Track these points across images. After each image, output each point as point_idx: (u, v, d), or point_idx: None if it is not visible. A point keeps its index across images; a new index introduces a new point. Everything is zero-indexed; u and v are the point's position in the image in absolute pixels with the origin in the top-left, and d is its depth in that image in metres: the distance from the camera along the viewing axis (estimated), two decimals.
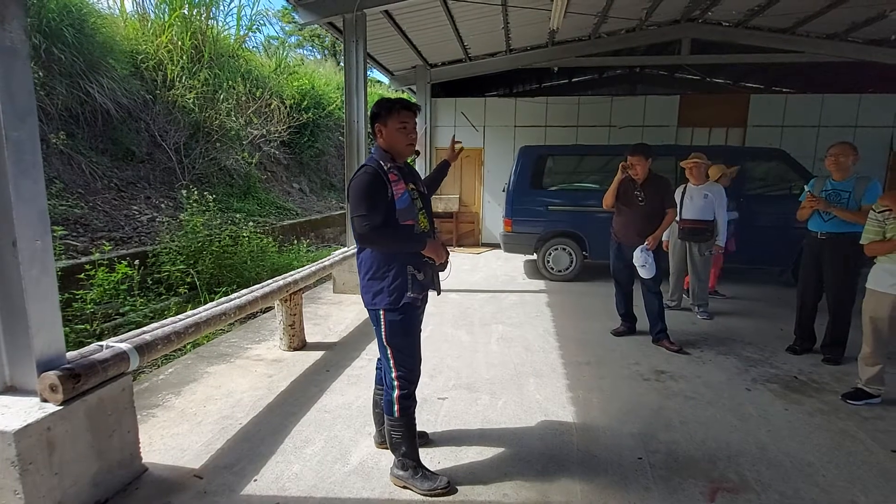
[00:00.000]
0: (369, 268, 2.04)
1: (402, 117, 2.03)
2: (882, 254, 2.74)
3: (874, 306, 2.79)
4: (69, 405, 1.76)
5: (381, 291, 2.01)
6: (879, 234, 2.73)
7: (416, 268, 2.05)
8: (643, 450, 2.37)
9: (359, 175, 1.97)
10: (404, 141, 2.05)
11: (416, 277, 2.05)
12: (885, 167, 8.46)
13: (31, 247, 1.69)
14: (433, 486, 2.01)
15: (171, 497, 1.97)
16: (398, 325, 2.03)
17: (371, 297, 2.04)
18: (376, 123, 2.05)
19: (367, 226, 1.90)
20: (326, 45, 20.62)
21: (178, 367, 3.31)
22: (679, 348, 3.73)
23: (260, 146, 9.28)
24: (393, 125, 2.02)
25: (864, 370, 2.90)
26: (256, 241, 5.82)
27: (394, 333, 2.04)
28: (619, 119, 8.99)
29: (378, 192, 1.93)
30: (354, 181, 1.96)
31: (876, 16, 6.90)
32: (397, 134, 2.03)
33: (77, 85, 5.90)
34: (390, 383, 2.07)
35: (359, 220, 1.91)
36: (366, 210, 1.90)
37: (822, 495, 2.04)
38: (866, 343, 2.87)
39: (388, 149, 2.06)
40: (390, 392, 2.06)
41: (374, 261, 2.02)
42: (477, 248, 9.16)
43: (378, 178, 1.95)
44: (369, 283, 2.04)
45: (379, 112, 2.04)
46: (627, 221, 3.85)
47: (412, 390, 2.08)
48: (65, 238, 4.52)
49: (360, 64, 5.31)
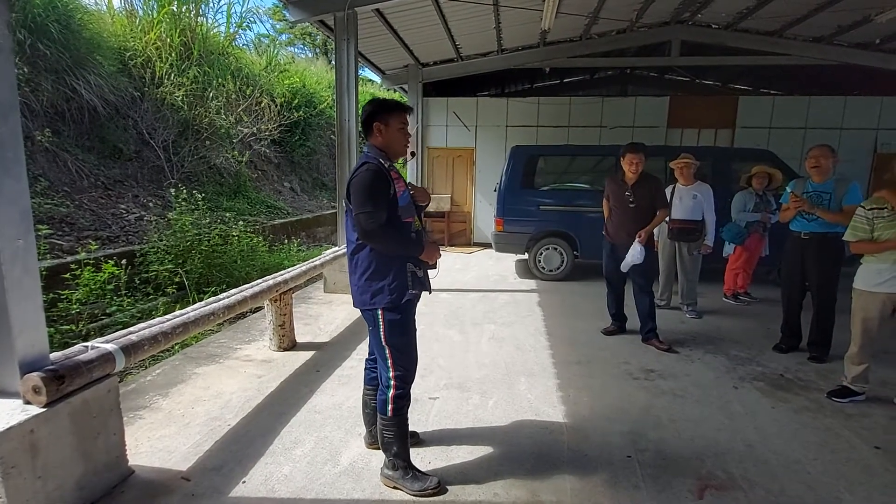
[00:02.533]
0: (367, 266, 2.01)
1: (402, 119, 2.06)
2: (870, 253, 2.77)
3: (863, 306, 2.82)
4: (53, 407, 1.72)
5: (381, 290, 1.99)
6: (867, 231, 2.75)
7: (415, 265, 2.06)
8: (633, 448, 2.38)
9: (362, 172, 1.95)
10: (403, 141, 2.08)
11: (417, 275, 2.06)
12: (870, 168, 8.60)
13: (13, 246, 1.65)
14: (423, 486, 2.00)
15: (157, 500, 1.94)
16: (398, 324, 2.02)
17: (370, 297, 2.01)
18: (375, 122, 2.04)
19: (373, 222, 1.89)
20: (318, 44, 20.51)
21: (165, 368, 3.27)
22: (668, 347, 3.76)
23: (250, 144, 9.21)
24: (395, 125, 2.04)
25: (850, 368, 2.93)
26: (246, 241, 5.77)
27: (393, 333, 2.02)
28: (609, 120, 9.04)
29: (382, 189, 1.93)
30: (358, 178, 1.94)
31: (861, 20, 7.02)
32: (398, 134, 2.05)
33: (63, 81, 5.80)
34: (386, 382, 2.05)
35: (365, 216, 1.89)
36: (371, 207, 1.89)
37: (808, 492, 2.07)
38: (854, 342, 2.88)
39: (385, 148, 2.06)
40: (385, 391, 2.04)
41: (373, 259, 2.00)
42: (469, 248, 9.16)
43: (382, 175, 1.94)
44: (367, 282, 2.01)
45: (380, 111, 2.04)
46: (619, 222, 3.88)
47: (408, 390, 2.07)
48: (50, 237, 4.45)
49: (351, 63, 5.29)
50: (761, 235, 5.06)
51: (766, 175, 5.02)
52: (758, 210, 4.96)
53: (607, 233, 4.01)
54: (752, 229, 4.96)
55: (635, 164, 3.70)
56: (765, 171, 5.02)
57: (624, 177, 3.82)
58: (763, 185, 5.03)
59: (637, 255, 3.68)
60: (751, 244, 5.05)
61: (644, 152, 3.71)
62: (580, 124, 9.10)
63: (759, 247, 5.13)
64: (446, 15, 6.91)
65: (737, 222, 4.96)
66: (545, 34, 8.11)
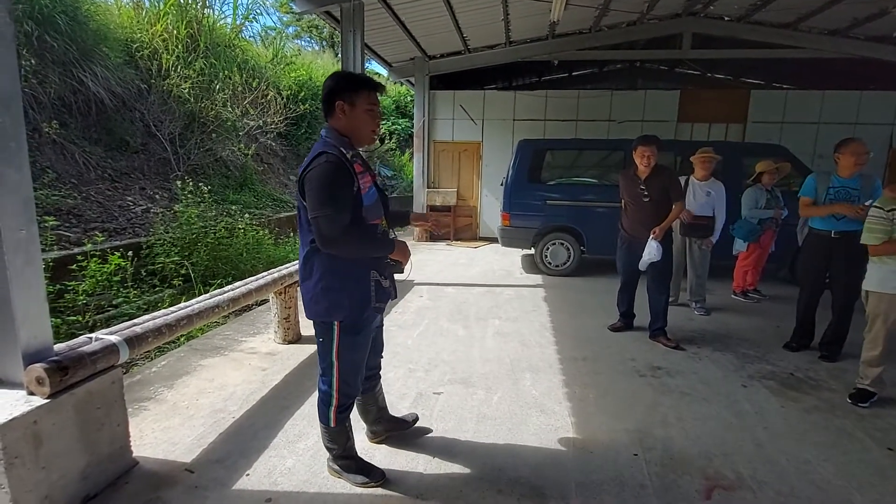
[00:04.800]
0: (323, 274, 1.74)
1: (371, 98, 1.76)
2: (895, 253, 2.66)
3: (886, 309, 2.70)
4: (57, 398, 1.72)
5: (338, 302, 1.75)
6: (887, 233, 2.65)
7: (380, 273, 1.82)
8: (639, 446, 2.35)
9: (319, 165, 1.63)
10: (371, 125, 1.78)
11: (381, 284, 1.83)
12: (885, 165, 8.45)
13: (16, 236, 1.64)
14: (367, 480, 1.98)
15: (161, 491, 1.94)
16: (354, 342, 1.84)
17: (324, 308, 1.77)
18: (338, 100, 1.73)
19: (335, 228, 1.61)
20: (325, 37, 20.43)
21: (170, 360, 3.28)
22: (676, 345, 3.71)
23: (256, 137, 9.20)
24: (362, 105, 1.74)
25: (869, 371, 2.83)
26: (252, 234, 5.78)
27: (347, 349, 1.83)
28: (618, 114, 8.94)
29: (344, 186, 1.64)
30: (314, 172, 1.63)
31: (878, 12, 6.86)
32: (365, 116, 1.75)
33: (70, 73, 5.81)
34: (326, 396, 1.91)
35: (326, 220, 1.60)
36: (332, 208, 1.60)
37: (819, 493, 2.03)
38: (874, 346, 2.77)
39: (348, 133, 1.76)
40: (327, 406, 1.91)
41: (330, 265, 1.73)
42: (475, 242, 9.13)
43: (343, 169, 1.65)
44: (324, 291, 1.75)
45: (344, 87, 1.73)
46: (636, 218, 3.79)
47: (352, 401, 1.98)
48: (57, 229, 4.47)
49: (357, 55, 5.24)
50: (774, 231, 4.98)
51: (777, 170, 4.94)
52: (769, 206, 4.88)
53: (624, 229, 3.95)
54: (765, 226, 4.89)
55: (647, 157, 3.60)
56: (774, 166, 4.93)
57: (636, 171, 3.74)
58: (774, 180, 4.94)
59: (654, 252, 3.61)
60: (763, 241, 4.98)
61: (656, 144, 3.60)
62: (589, 118, 9.01)
63: (770, 243, 5.06)
64: (454, 6, 6.83)
65: (748, 219, 4.88)
66: (554, 26, 8.02)
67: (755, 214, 4.86)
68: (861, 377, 2.87)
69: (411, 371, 3.19)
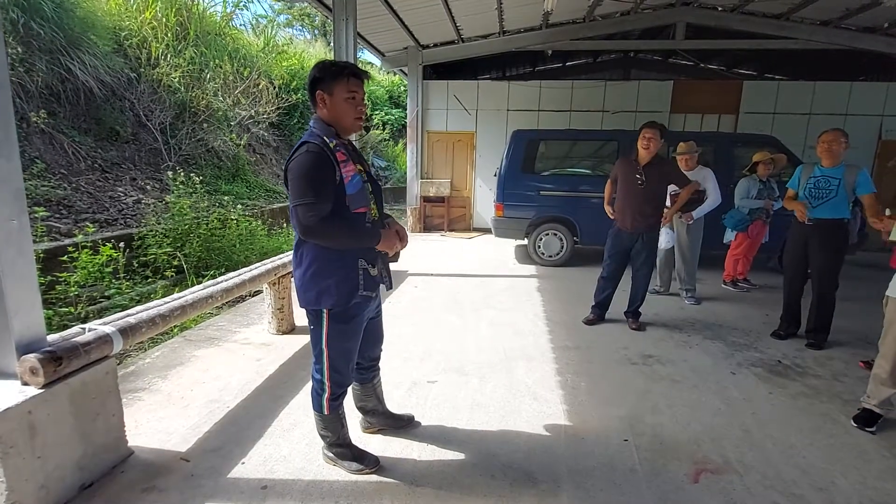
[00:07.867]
0: (312, 261, 1.77)
1: (350, 85, 1.74)
2: None
3: None
4: (51, 388, 1.72)
5: (326, 290, 1.77)
6: None
7: (368, 261, 1.82)
8: (629, 432, 2.39)
9: (300, 154, 1.66)
10: (353, 114, 1.76)
11: (369, 273, 1.83)
12: (874, 155, 8.54)
13: (7, 227, 1.63)
14: (361, 466, 2.01)
15: (157, 480, 1.96)
16: (343, 330, 1.84)
17: (314, 296, 1.79)
18: (318, 90, 1.74)
19: (313, 216, 1.62)
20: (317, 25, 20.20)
21: (165, 351, 3.28)
22: (637, 327, 3.87)
23: (248, 127, 9.12)
24: (340, 94, 1.73)
25: (878, 390, 2.46)
26: (245, 224, 5.75)
27: (336, 337, 1.84)
28: (612, 104, 8.94)
29: (325, 175, 1.65)
30: (295, 162, 1.66)
31: (870, 3, 6.88)
32: (345, 105, 1.74)
33: (58, 61, 5.71)
34: (319, 384, 1.94)
35: (304, 209, 1.62)
36: (312, 197, 1.61)
37: (803, 476, 2.08)
38: (887, 360, 2.42)
39: (331, 122, 1.77)
40: (320, 395, 1.94)
41: (319, 253, 1.76)
42: (468, 233, 9.14)
43: (324, 159, 1.66)
44: (312, 279, 1.78)
45: (322, 77, 1.73)
46: (625, 203, 3.79)
47: (344, 391, 1.99)
48: (47, 220, 4.43)
49: (350, 43, 5.19)
50: (764, 222, 5.03)
51: (772, 161, 4.98)
52: (761, 197, 4.93)
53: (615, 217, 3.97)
54: (755, 216, 4.93)
55: (647, 140, 3.60)
56: (769, 157, 4.97)
57: (637, 156, 3.73)
58: (769, 171, 4.98)
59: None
60: (753, 231, 5.03)
61: (660, 130, 3.62)
62: (582, 108, 9.00)
63: (761, 234, 5.11)
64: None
65: (739, 209, 4.93)
66: (548, 16, 7.97)
67: (746, 204, 4.91)
68: (868, 395, 2.51)
69: (406, 360, 3.21)
